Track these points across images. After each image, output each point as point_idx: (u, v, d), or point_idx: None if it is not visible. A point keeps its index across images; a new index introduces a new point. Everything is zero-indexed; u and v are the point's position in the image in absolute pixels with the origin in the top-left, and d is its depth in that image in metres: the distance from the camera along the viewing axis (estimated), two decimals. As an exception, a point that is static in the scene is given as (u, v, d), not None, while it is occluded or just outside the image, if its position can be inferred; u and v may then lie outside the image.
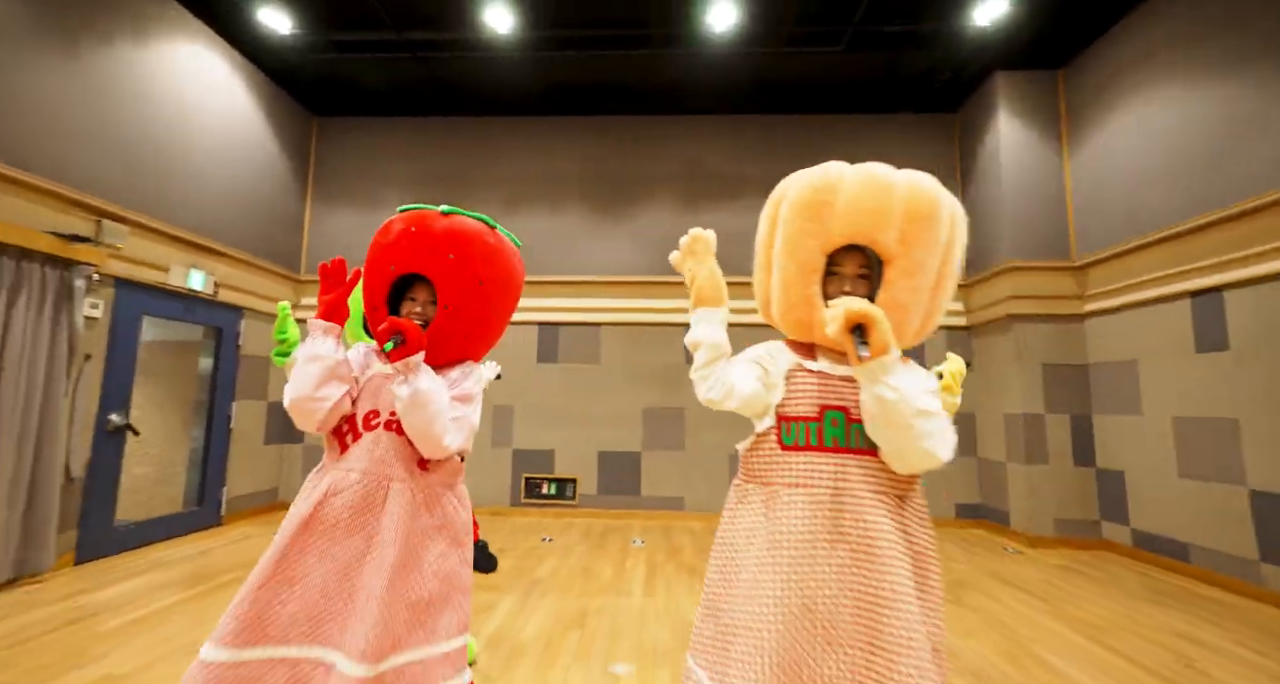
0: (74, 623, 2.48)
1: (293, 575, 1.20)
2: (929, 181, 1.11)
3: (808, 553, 1.00)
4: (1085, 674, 2.14)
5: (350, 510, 1.22)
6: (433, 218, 1.34)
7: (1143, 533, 3.75)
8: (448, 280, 1.31)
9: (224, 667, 1.12)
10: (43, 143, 3.16)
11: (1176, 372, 3.51)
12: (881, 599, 0.96)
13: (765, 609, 0.98)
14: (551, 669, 2.12)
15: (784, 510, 1.04)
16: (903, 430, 0.97)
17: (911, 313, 1.07)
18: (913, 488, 1.08)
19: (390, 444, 1.27)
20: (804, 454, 1.06)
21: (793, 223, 1.13)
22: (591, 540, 4.20)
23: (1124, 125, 3.98)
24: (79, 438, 3.31)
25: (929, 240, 1.07)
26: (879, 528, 0.99)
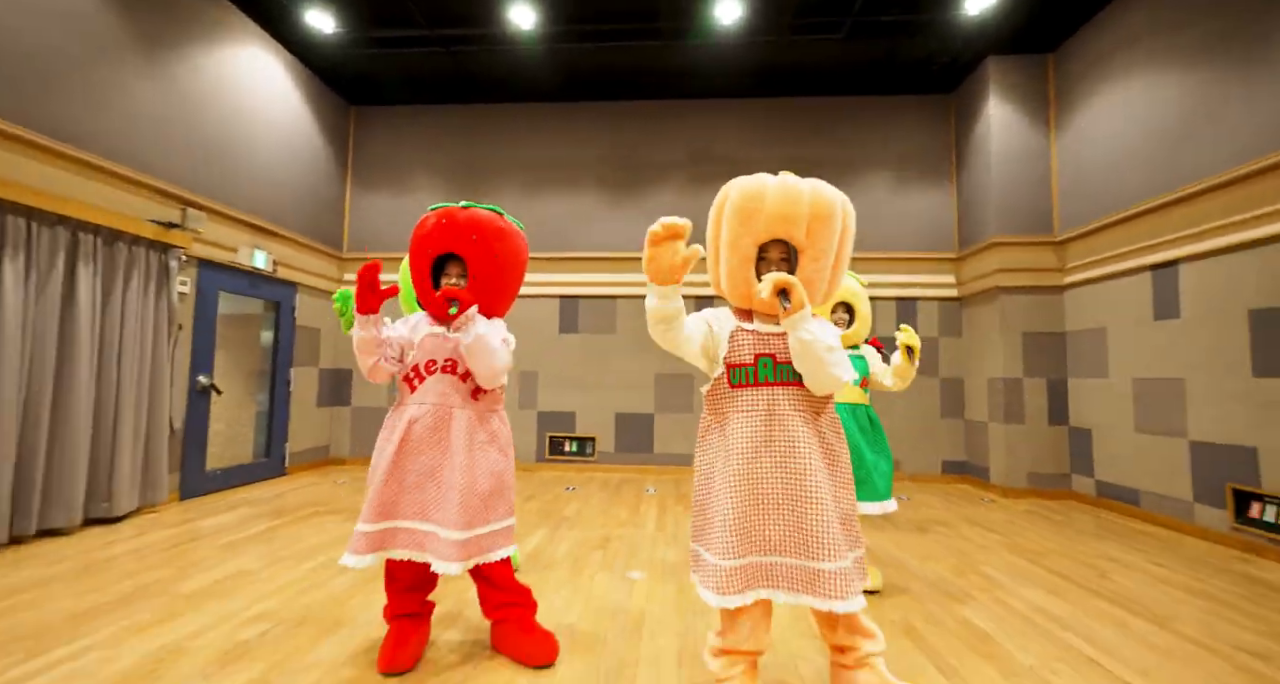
0: (197, 539, 3.09)
1: (401, 477, 1.76)
2: (827, 188, 1.51)
3: (751, 457, 1.44)
4: (1013, 581, 2.63)
5: (429, 431, 1.77)
6: (456, 211, 1.81)
7: (1104, 483, 4.18)
8: (473, 256, 1.78)
9: (372, 533, 1.70)
10: (137, 141, 3.67)
11: (1137, 338, 3.89)
12: (801, 480, 1.42)
13: (727, 499, 1.42)
14: (580, 576, 2.66)
15: (735, 430, 1.47)
16: (817, 362, 1.41)
17: (818, 285, 1.51)
18: (826, 406, 1.53)
19: (448, 382, 1.80)
20: (746, 390, 1.49)
21: (731, 225, 1.51)
22: (609, 490, 4.75)
23: (1103, 109, 4.27)
24: (178, 397, 3.91)
25: (828, 233, 1.48)
26: (798, 435, 1.45)
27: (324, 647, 1.89)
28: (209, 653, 1.83)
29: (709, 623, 2.12)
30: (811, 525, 1.39)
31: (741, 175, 1.58)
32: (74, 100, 3.29)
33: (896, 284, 5.45)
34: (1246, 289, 3.15)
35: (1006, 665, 1.84)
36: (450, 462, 1.73)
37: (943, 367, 5.39)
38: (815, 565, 1.37)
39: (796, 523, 1.41)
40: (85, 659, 1.77)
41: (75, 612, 2.11)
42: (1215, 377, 3.32)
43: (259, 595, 2.31)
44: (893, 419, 5.20)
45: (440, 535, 1.68)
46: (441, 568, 1.64)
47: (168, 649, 1.85)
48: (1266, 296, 3.05)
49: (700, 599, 1.67)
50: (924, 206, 5.53)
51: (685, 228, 1.34)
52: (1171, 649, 1.96)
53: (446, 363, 1.80)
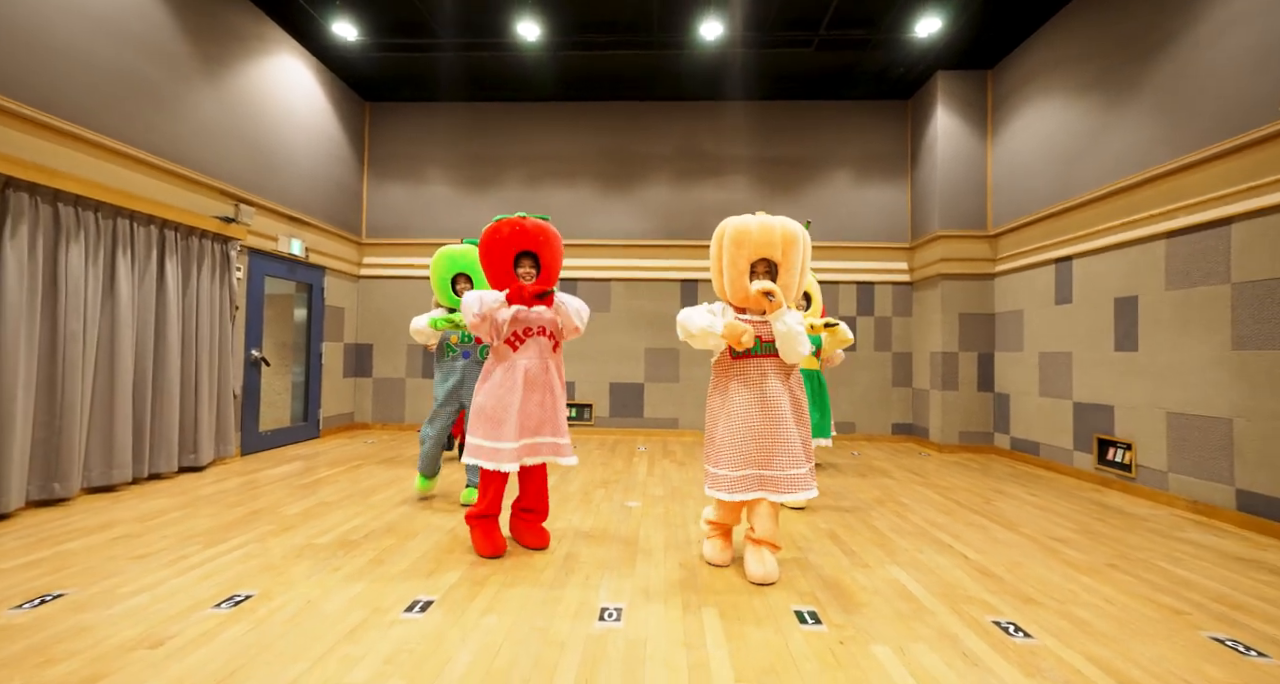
0: (273, 483, 3.82)
1: (528, 409, 2.49)
2: (791, 223, 2.33)
3: (746, 408, 2.29)
4: (915, 502, 3.47)
5: (537, 373, 2.52)
6: (523, 219, 2.53)
7: (1016, 438, 5.05)
8: (543, 251, 2.53)
9: (520, 449, 2.44)
10: (201, 146, 4.26)
11: (1042, 319, 4.71)
12: (779, 421, 2.26)
13: (731, 436, 2.29)
14: (588, 504, 3.44)
15: (735, 388, 2.33)
16: (792, 342, 2.23)
17: (790, 288, 2.34)
18: (794, 370, 2.38)
19: (541, 343, 2.55)
20: (743, 360, 2.34)
21: (730, 250, 2.31)
22: (606, 448, 5.54)
23: (1026, 123, 5.00)
24: (238, 367, 4.58)
25: (794, 252, 2.30)
26: (776, 390, 2.29)
27: (413, 542, 2.65)
28: (332, 546, 2.58)
29: (689, 533, 2.93)
30: (784, 447, 2.25)
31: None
32: (156, 115, 3.87)
33: (857, 270, 6.22)
34: (1113, 281, 3.96)
35: (890, 549, 2.66)
36: (553, 396, 2.56)
37: (895, 342, 6.21)
38: (785, 473, 2.21)
39: (775, 446, 2.26)
40: (248, 547, 2.51)
41: (215, 526, 2.84)
42: (1090, 350, 4.15)
43: (347, 517, 3.06)
44: (854, 388, 6.04)
45: (559, 442, 2.55)
46: (569, 460, 2.54)
47: (302, 544, 2.59)
48: (1123, 288, 3.87)
49: (681, 514, 2.86)
50: (882, 201, 6.27)
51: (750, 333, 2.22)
52: (1007, 541, 2.80)
53: (539, 329, 2.55)
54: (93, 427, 3.35)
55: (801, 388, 2.38)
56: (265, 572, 2.24)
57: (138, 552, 2.43)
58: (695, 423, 6.29)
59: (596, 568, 2.38)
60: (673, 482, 4.10)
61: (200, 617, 1.84)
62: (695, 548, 2.65)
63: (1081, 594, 2.11)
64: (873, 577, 2.30)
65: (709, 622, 1.89)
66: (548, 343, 2.56)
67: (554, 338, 2.59)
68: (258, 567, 2.29)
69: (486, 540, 2.52)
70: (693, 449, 5.50)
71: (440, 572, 2.30)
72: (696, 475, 4.28)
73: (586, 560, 2.47)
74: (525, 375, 2.49)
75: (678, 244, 6.35)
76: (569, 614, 1.93)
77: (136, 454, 3.60)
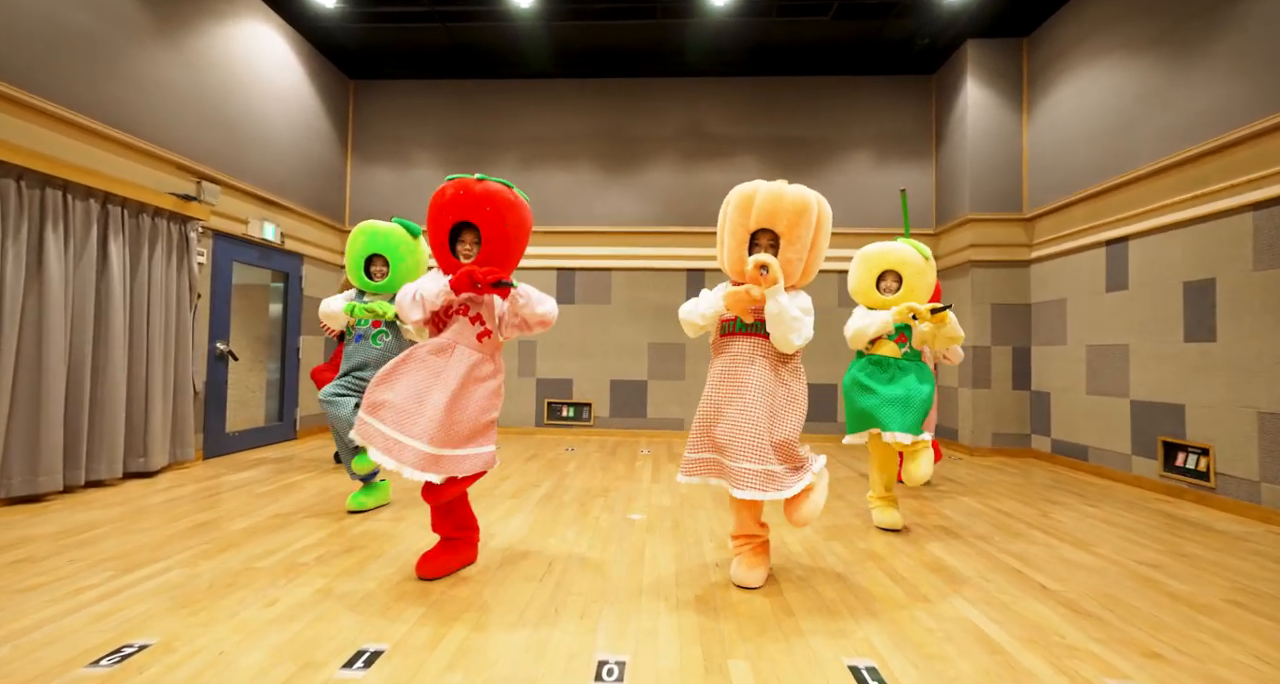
0: (232, 490, 3.38)
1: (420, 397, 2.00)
2: (805, 191, 1.99)
3: (717, 386, 2.04)
4: (959, 514, 3.01)
5: (440, 365, 2.03)
6: (472, 183, 2.06)
7: (1059, 441, 4.59)
8: (487, 225, 2.04)
9: (361, 422, 1.97)
10: (156, 115, 3.82)
11: (1090, 308, 4.25)
12: (742, 405, 1.96)
13: (704, 408, 2.05)
14: (585, 517, 2.99)
15: (719, 365, 2.07)
16: (782, 326, 1.92)
17: (795, 266, 2.00)
18: (792, 356, 2.06)
19: (461, 324, 2.08)
20: (732, 337, 2.08)
21: (732, 218, 2.04)
22: (606, 451, 5.08)
23: (1068, 93, 4.54)
24: (199, 361, 4.14)
25: (803, 224, 1.96)
26: (755, 373, 1.99)
27: (374, 566, 2.20)
28: (274, 571, 2.13)
29: (704, 551, 2.48)
30: (742, 435, 1.92)
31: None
32: (100, 78, 3.43)
33: (877, 258, 5.76)
34: (1182, 263, 3.50)
35: (950, 577, 2.20)
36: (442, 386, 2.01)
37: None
38: (734, 464, 1.91)
39: (735, 433, 1.94)
40: (170, 575, 2.06)
41: (142, 545, 2.39)
42: (1153, 342, 3.69)
43: (304, 532, 2.61)
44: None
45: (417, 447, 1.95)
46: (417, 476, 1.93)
47: (239, 568, 2.15)
48: (1196, 270, 3.40)
49: (693, 527, 2.66)
50: (903, 183, 5.80)
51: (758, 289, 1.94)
52: (1086, 565, 2.34)
53: (460, 308, 2.11)
54: (13, 427, 2.91)
55: (800, 379, 2.08)
56: (179, 609, 1.79)
57: (29, 581, 1.98)
58: (703, 423, 5.83)
59: (593, 601, 1.93)
60: (681, 489, 3.64)
61: (67, 680, 1.40)
62: (713, 572, 2.20)
63: (1219, 647, 1.65)
64: (938, 615, 1.85)
65: (739, 682, 1.44)
66: (468, 327, 2.07)
67: (483, 324, 2.08)
68: (172, 602, 1.84)
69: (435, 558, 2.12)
70: (701, 452, 5.04)
71: (399, 607, 1.85)
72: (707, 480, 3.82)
73: (581, 591, 2.02)
74: (425, 361, 2.03)
75: (682, 231, 5.90)
76: (556, 672, 1.48)
77: (70, 459, 3.16)
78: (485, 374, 2.09)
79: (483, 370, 2.08)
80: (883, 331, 2.68)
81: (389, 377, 2.02)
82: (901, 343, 2.77)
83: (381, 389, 2.00)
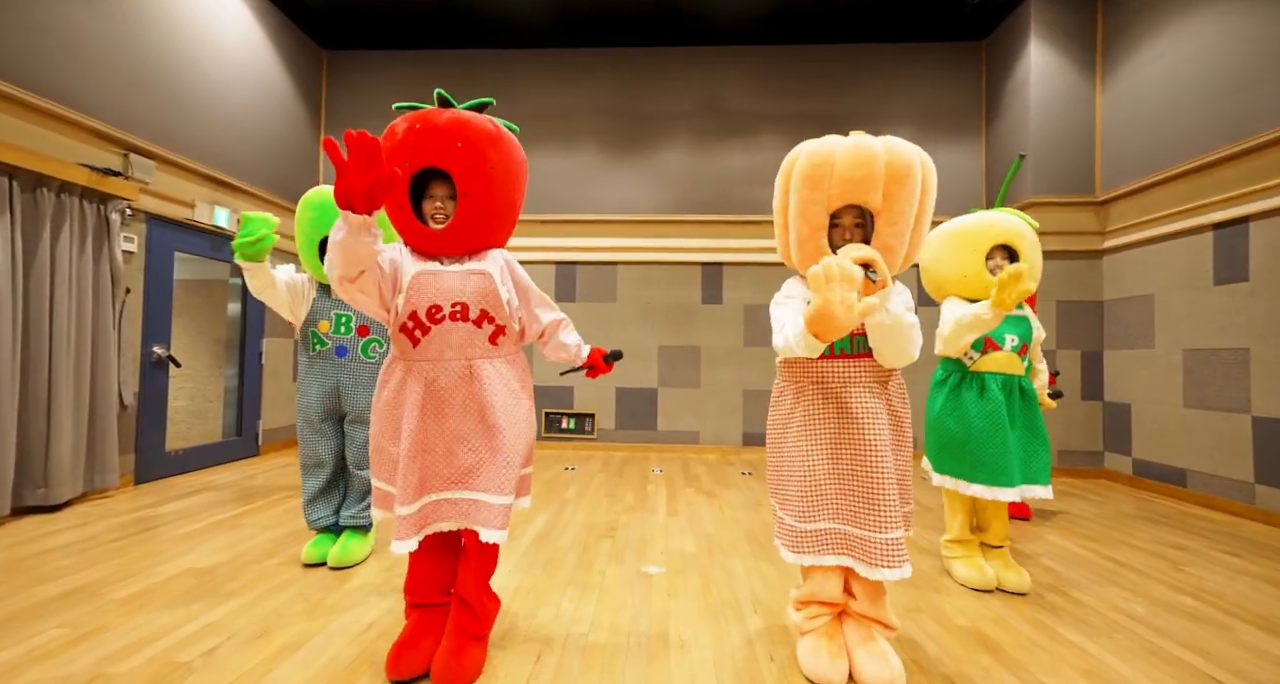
0: (151, 529, 2.71)
1: (429, 447, 1.45)
2: (904, 145, 1.39)
3: (823, 426, 1.51)
4: (1067, 569, 2.33)
5: (451, 392, 1.45)
6: (434, 113, 1.41)
7: (1143, 461, 3.90)
8: (461, 168, 1.39)
9: (413, 515, 1.42)
10: (66, 73, 3.16)
11: (1190, 305, 3.56)
12: (869, 455, 1.45)
13: (800, 463, 1.51)
14: (589, 572, 2.32)
15: (809, 399, 1.53)
16: (899, 340, 1.36)
17: (897, 252, 1.41)
18: (893, 375, 1.54)
19: (462, 331, 1.45)
20: (821, 361, 1.51)
21: (800, 192, 1.44)
22: (612, 470, 4.41)
23: (1159, 53, 3.86)
24: (127, 368, 3.47)
25: (906, 193, 1.37)
26: (868, 407, 1.47)
27: (287, 667, 1.53)
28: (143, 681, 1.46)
29: (747, 621, 1.80)
30: (877, 496, 1.43)
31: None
32: (-19, 16, 2.77)
33: (918, 249, 5.08)
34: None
35: (1092, 668, 1.53)
36: (486, 423, 1.46)
37: (964, 338, 5.06)
38: (883, 536, 1.42)
39: (864, 493, 1.46)
40: (-28, 695, 1.40)
41: (-21, 626, 1.73)
42: (1287, 346, 3.00)
43: (211, 600, 1.94)
44: (917, 395, 4.87)
45: (488, 502, 1.43)
46: (494, 537, 1.41)
47: (76, 680, 1.47)
48: (1363, 255, 2.72)
49: (727, 584, 2.18)
50: (948, 163, 5.12)
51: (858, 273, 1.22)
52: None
53: (455, 309, 1.44)
54: None
55: (904, 396, 1.55)
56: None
57: None
58: (719, 437, 5.16)
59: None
60: (705, 525, 2.97)
61: None
62: (768, 669, 1.52)
63: None
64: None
65: None
66: (475, 333, 1.46)
67: (493, 322, 1.48)
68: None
69: (402, 645, 1.48)
70: (719, 471, 4.37)
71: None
72: (736, 514, 3.15)
73: (583, 722, 1.35)
74: (427, 389, 1.44)
75: (697, 219, 5.22)
76: None
77: (-68, 495, 2.49)
78: (519, 379, 1.58)
79: (514, 375, 1.57)
80: (989, 327, 1.90)
81: (418, 440, 1.45)
82: (1024, 355, 2.11)
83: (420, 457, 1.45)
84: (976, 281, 2.07)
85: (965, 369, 2.16)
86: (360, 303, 1.39)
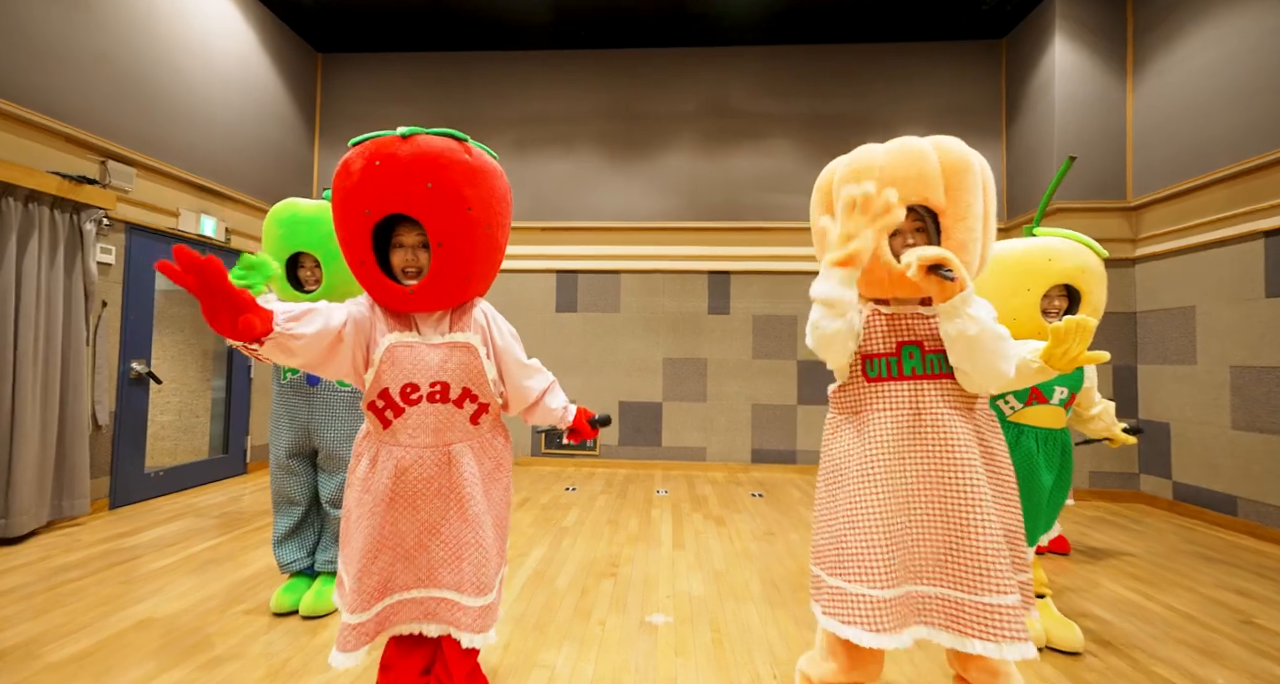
0: (115, 566, 2.51)
1: (398, 541, 1.25)
2: (953, 141, 1.22)
3: (898, 464, 1.18)
4: (1120, 620, 2.08)
5: (426, 482, 1.24)
6: (394, 145, 1.13)
7: (1185, 485, 3.64)
8: (432, 213, 1.14)
9: (367, 622, 1.21)
10: (36, 76, 2.98)
11: (1237, 317, 3.31)
12: (962, 489, 1.14)
13: (870, 513, 1.17)
14: (587, 622, 2.09)
15: (875, 431, 1.21)
16: (988, 354, 1.11)
17: (971, 250, 1.20)
18: (979, 403, 1.24)
19: (441, 414, 1.24)
20: (887, 383, 1.22)
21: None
22: (614, 491, 4.18)
23: (1197, 48, 3.61)
24: (103, 386, 3.28)
25: (970, 185, 1.18)
26: (955, 437, 1.17)
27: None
28: (52, 779, 1.25)
29: (768, 708, 1.57)
30: (975, 546, 1.12)
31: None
32: (-60, 15, 2.60)
33: (936, 258, 4.84)
34: None
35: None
36: (460, 513, 1.26)
37: (986, 350, 4.82)
38: (980, 599, 1.10)
39: (957, 543, 1.14)
40: None
41: (-107, 696, 1.52)
42: (1353, 366, 2.75)
43: (161, 662, 1.73)
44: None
45: (461, 603, 1.23)
46: (474, 641, 1.21)
47: (-9, 774, 1.27)
48: None
49: (741, 637, 1.90)
50: (969, 169, 4.88)
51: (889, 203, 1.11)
52: None
53: (433, 389, 1.22)
54: None
55: (997, 429, 1.25)
56: None
57: None
58: (727, 454, 4.92)
59: None
60: (714, 559, 2.74)
61: None
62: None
63: None
64: None
65: None
66: (455, 414, 1.25)
67: (475, 400, 1.26)
68: None
69: None
70: (728, 491, 4.13)
71: None
72: (748, 546, 2.91)
73: None
74: (397, 477, 1.22)
75: (703, 226, 5.01)
76: None
77: (-125, 531, 2.30)
78: (499, 458, 1.38)
79: (495, 455, 1.36)
80: (1035, 382, 1.45)
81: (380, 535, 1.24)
82: (1070, 407, 1.88)
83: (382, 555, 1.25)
84: (1028, 326, 1.75)
85: (1003, 416, 1.92)
86: (336, 375, 1.21)
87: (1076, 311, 1.83)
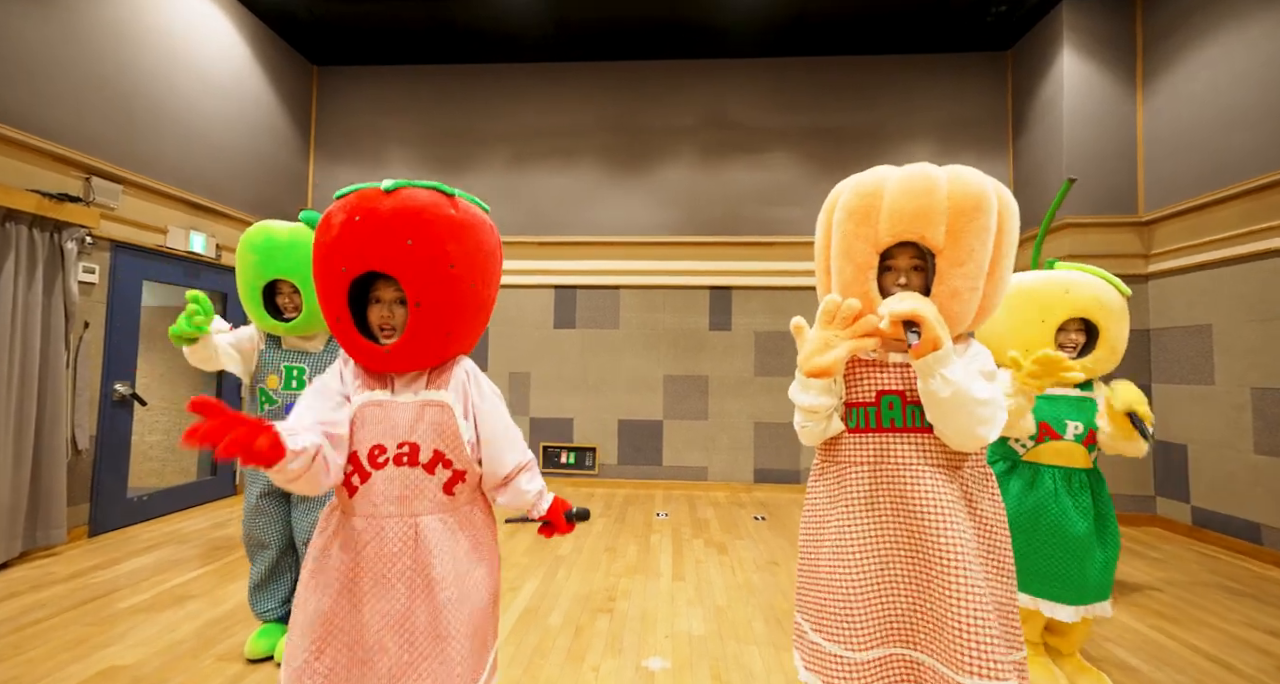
0: (85, 603, 2.39)
1: (356, 634, 1.07)
2: (973, 175, 1.11)
3: (874, 523, 1.13)
4: (1149, 667, 1.95)
5: (388, 561, 1.08)
6: (375, 199, 1.06)
7: (1204, 511, 3.50)
8: (411, 270, 1.06)
9: None
10: (22, 93, 2.91)
11: (1259, 337, 3.19)
12: (939, 559, 1.05)
13: (849, 574, 1.12)
14: (580, 666, 1.97)
15: (853, 485, 1.16)
16: (962, 417, 1.04)
17: (966, 299, 1.10)
18: (970, 460, 1.14)
19: (408, 479, 1.10)
20: (866, 435, 1.16)
21: (844, 227, 1.16)
22: (613, 513, 4.06)
23: (1209, 60, 3.52)
24: (83, 410, 3.18)
25: (976, 229, 1.07)
26: (933, 498, 1.09)
27: None
28: None
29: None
30: (961, 620, 1.01)
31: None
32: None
33: (942, 272, 4.73)
34: None
35: None
36: (434, 599, 1.08)
37: (994, 367, 4.70)
38: (958, 678, 1.00)
39: (942, 614, 1.04)
40: None
41: None
42: (1384, 390, 2.62)
43: (120, 718, 1.61)
44: (939, 429, 4.50)
45: None
46: None
47: None
48: None
49: None
50: (974, 183, 4.79)
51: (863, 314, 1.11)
52: None
53: (401, 451, 1.10)
54: None
55: (992, 491, 1.15)
56: None
57: None
58: (729, 474, 4.80)
59: None
60: (716, 593, 2.61)
61: None
62: None
63: None
64: None
65: None
66: (425, 481, 1.11)
67: (449, 466, 1.13)
68: None
69: None
70: (730, 514, 4.00)
71: None
72: (751, 578, 2.78)
73: None
74: (357, 555, 1.08)
75: (704, 241, 4.91)
76: None
77: None
78: (478, 538, 1.19)
79: (472, 534, 1.17)
80: (1019, 414, 1.58)
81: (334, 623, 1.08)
82: (1091, 445, 1.75)
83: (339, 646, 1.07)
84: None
85: (1017, 456, 1.81)
86: None
87: (1094, 348, 1.73)
